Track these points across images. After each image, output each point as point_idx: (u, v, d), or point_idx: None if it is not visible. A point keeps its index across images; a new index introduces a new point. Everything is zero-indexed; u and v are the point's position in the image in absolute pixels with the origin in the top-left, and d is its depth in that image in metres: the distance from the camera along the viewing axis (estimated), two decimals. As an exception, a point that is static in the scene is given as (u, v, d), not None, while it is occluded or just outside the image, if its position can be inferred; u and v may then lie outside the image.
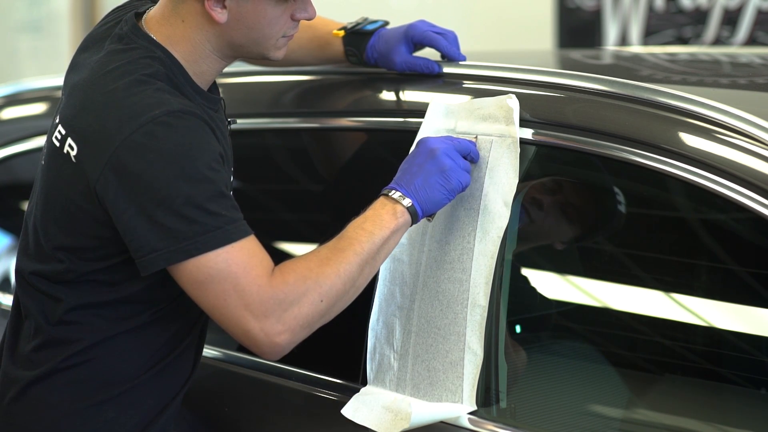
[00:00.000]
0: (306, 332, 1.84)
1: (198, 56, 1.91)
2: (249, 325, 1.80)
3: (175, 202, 1.77)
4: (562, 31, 5.13)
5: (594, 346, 2.23)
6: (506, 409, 1.99)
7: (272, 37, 1.92)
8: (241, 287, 1.79)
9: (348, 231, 1.88)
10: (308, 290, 1.82)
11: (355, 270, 1.85)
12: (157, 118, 1.79)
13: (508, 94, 2.03)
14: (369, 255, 1.87)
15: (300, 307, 1.81)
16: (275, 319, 1.80)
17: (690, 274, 2.18)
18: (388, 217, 1.89)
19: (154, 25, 1.91)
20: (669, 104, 1.95)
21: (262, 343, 1.81)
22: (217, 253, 1.78)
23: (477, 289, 1.95)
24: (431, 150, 1.93)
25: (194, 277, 1.79)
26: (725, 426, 2.04)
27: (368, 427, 1.99)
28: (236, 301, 1.80)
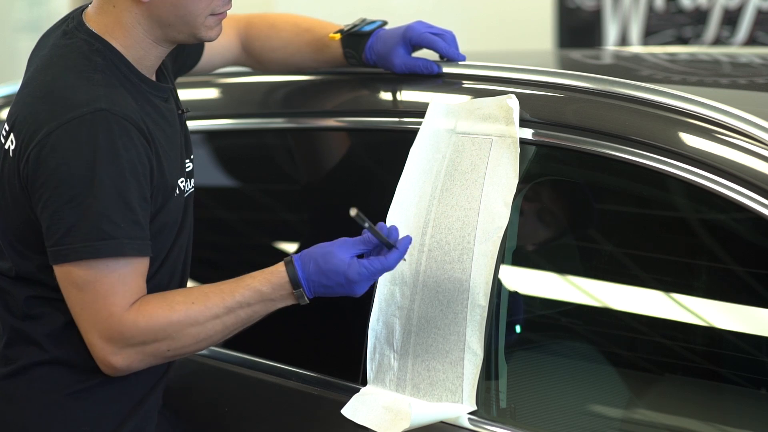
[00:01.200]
0: (145, 366, 1.90)
1: (133, 41, 1.92)
2: (93, 340, 1.86)
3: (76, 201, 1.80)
4: (562, 31, 5.13)
5: (594, 346, 2.23)
6: (506, 409, 1.99)
7: (199, 14, 1.91)
8: (96, 309, 1.84)
9: (233, 295, 1.89)
10: (157, 339, 1.86)
11: (217, 337, 1.90)
12: (82, 116, 1.81)
13: (508, 94, 2.03)
14: (236, 327, 1.91)
15: (144, 346, 1.86)
16: (117, 347, 1.85)
17: (690, 274, 2.18)
18: (276, 299, 1.91)
19: (92, 18, 1.93)
20: (669, 104, 1.95)
21: (101, 360, 1.87)
22: (90, 264, 1.82)
23: (477, 289, 1.95)
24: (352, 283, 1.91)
25: (70, 278, 1.84)
26: (725, 426, 2.04)
27: (368, 427, 1.99)
28: (89, 316, 1.84)
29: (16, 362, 1.92)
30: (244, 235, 2.69)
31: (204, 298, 1.88)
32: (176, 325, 1.86)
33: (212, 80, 2.58)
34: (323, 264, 1.90)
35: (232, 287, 1.90)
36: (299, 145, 2.49)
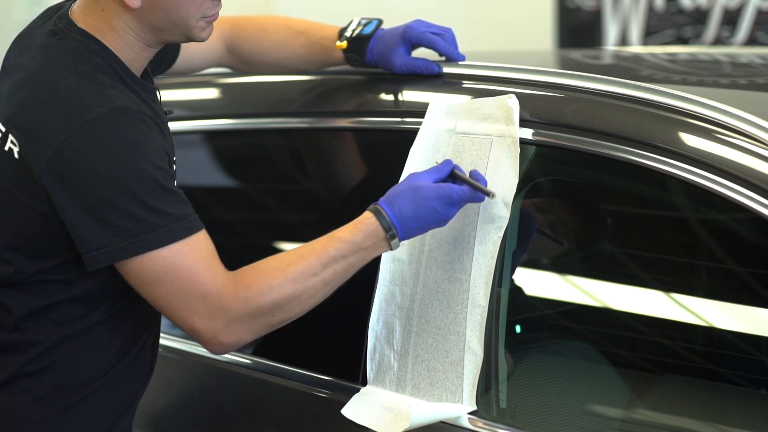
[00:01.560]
0: (254, 337, 1.86)
1: (124, 44, 1.89)
2: (195, 324, 1.82)
3: (121, 200, 1.77)
4: (562, 31, 5.13)
5: (594, 346, 2.23)
6: (506, 409, 1.99)
7: (190, 18, 1.90)
8: (188, 292, 1.80)
9: (327, 250, 1.87)
10: (261, 308, 1.83)
11: (319, 295, 1.87)
12: (101, 116, 1.79)
13: (508, 94, 2.03)
14: (336, 282, 1.88)
15: (250, 318, 1.83)
16: (221, 323, 1.82)
17: (690, 274, 2.18)
18: (370, 248, 1.89)
19: (79, 18, 1.90)
20: (669, 104, 1.95)
21: (209, 341, 1.84)
22: (163, 254, 1.79)
23: (477, 289, 1.95)
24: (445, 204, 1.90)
25: (141, 277, 1.80)
26: (725, 426, 2.04)
27: (368, 427, 1.99)
28: (182, 303, 1.81)
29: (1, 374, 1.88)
30: (243, 235, 2.69)
31: (299, 258, 1.86)
32: (276, 289, 1.83)
33: (212, 80, 2.58)
34: (413, 195, 1.89)
35: (323, 243, 1.88)
36: (299, 146, 2.49)
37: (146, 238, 1.78)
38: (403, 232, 1.89)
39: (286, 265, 1.85)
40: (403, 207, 1.89)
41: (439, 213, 1.90)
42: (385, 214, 1.89)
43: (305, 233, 2.58)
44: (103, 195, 1.77)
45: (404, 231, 1.89)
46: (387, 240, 1.89)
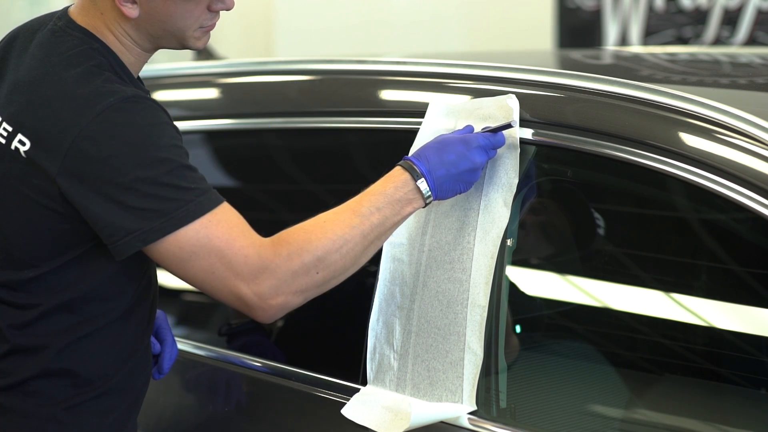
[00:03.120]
0: (302, 300, 1.84)
1: (122, 47, 1.90)
2: (241, 290, 1.80)
3: (144, 183, 1.77)
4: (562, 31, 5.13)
5: (594, 346, 2.23)
6: (506, 409, 1.99)
7: (188, 28, 1.90)
8: (228, 259, 1.79)
9: (361, 204, 1.87)
10: (304, 263, 1.81)
11: (359, 248, 1.85)
12: (113, 105, 1.79)
13: (508, 94, 2.03)
14: (375, 235, 1.87)
15: (294, 277, 1.81)
16: (267, 285, 1.80)
17: (690, 274, 2.18)
18: (403, 200, 1.89)
19: (78, 17, 1.90)
20: (669, 104, 1.95)
21: (257, 306, 1.81)
22: (195, 228, 1.78)
23: (477, 289, 1.95)
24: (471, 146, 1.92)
25: (177, 255, 1.79)
26: (725, 426, 2.04)
27: (368, 427, 1.99)
28: (224, 272, 1.80)
29: (11, 375, 1.88)
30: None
31: (333, 215, 1.86)
32: (316, 242, 1.82)
33: (212, 80, 2.58)
34: (438, 145, 1.91)
35: (356, 199, 1.88)
36: (299, 146, 2.49)
37: (176, 215, 1.78)
38: (433, 181, 1.90)
39: (323, 222, 1.85)
40: (430, 156, 1.91)
41: (467, 158, 1.92)
42: (413, 164, 1.90)
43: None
44: (126, 181, 1.77)
45: (433, 179, 1.90)
46: (419, 191, 1.89)
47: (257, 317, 1.83)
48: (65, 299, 1.87)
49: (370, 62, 2.42)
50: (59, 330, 1.88)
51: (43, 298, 1.87)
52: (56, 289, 1.87)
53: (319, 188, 2.51)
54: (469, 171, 1.93)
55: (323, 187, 2.50)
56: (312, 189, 2.53)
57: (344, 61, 2.43)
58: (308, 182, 2.52)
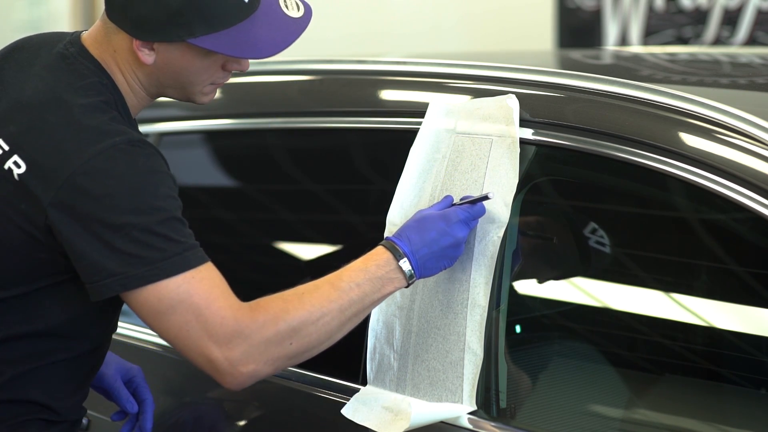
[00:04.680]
0: (272, 370, 1.80)
1: (128, 89, 1.87)
2: (212, 353, 1.77)
3: (135, 228, 1.74)
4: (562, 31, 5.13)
5: (594, 346, 2.23)
6: (506, 409, 1.99)
7: (199, 84, 1.87)
8: (204, 318, 1.76)
9: (341, 279, 1.84)
10: (278, 332, 1.78)
11: (335, 323, 1.82)
12: (117, 145, 1.76)
13: (508, 94, 2.03)
14: (352, 311, 1.84)
15: (267, 346, 1.78)
16: (239, 350, 1.77)
17: (690, 274, 2.18)
18: (384, 278, 1.86)
19: (91, 47, 1.87)
20: (669, 104, 1.95)
21: (226, 372, 1.78)
22: (177, 281, 1.75)
23: (477, 289, 1.95)
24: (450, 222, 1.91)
25: (155, 307, 1.76)
26: (725, 426, 2.04)
27: (368, 427, 1.99)
28: (198, 332, 1.76)
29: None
30: (243, 234, 2.69)
31: (313, 287, 1.83)
32: (293, 312, 1.79)
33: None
34: (418, 224, 1.90)
35: (336, 274, 1.85)
36: (299, 145, 2.49)
37: (161, 266, 1.75)
38: (416, 260, 1.88)
39: (302, 293, 1.82)
40: (411, 236, 1.89)
41: (448, 234, 1.89)
42: (396, 245, 1.88)
43: (305, 233, 2.59)
44: (118, 223, 1.74)
45: (416, 259, 1.88)
46: (401, 270, 1.87)
47: (225, 383, 1.80)
48: (27, 330, 1.83)
49: (370, 62, 2.42)
50: (14, 359, 1.84)
51: (3, 324, 1.83)
52: (19, 317, 1.83)
53: (319, 188, 2.51)
54: (452, 247, 1.91)
55: (323, 188, 2.50)
56: (312, 189, 2.53)
57: (344, 61, 2.43)
58: (308, 182, 2.52)
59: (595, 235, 2.21)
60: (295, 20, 1.87)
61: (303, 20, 1.88)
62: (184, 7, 1.78)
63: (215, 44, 1.81)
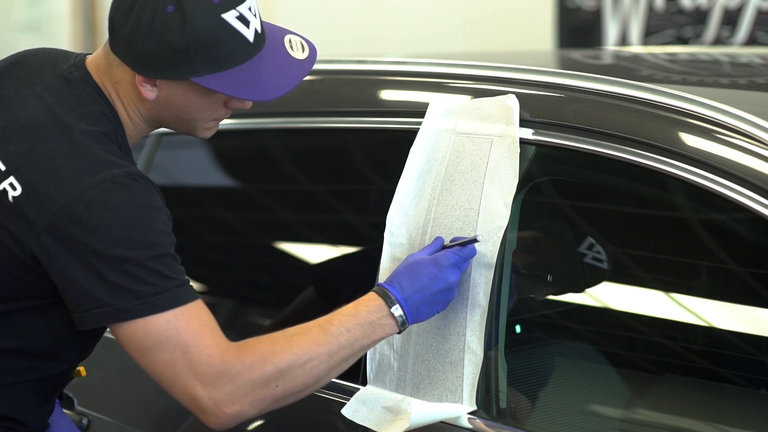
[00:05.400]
0: (256, 411, 1.79)
1: (128, 120, 1.86)
2: (197, 392, 1.76)
3: (128, 262, 1.73)
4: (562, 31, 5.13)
5: (594, 346, 2.23)
6: (506, 409, 1.99)
7: (201, 120, 1.86)
8: (191, 356, 1.75)
9: (331, 323, 1.83)
10: (265, 374, 1.77)
11: (323, 367, 1.81)
12: (115, 178, 1.75)
13: (508, 94, 2.03)
14: (341, 356, 1.83)
15: (253, 387, 1.77)
16: (224, 391, 1.76)
17: (690, 274, 2.18)
18: (375, 324, 1.85)
19: (93, 73, 1.86)
20: (669, 104, 1.95)
21: (210, 411, 1.76)
22: (166, 317, 1.74)
23: (477, 289, 1.95)
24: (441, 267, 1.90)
25: (142, 341, 1.75)
26: (725, 426, 2.04)
27: (368, 427, 1.99)
28: (185, 369, 1.75)
29: None
30: (243, 235, 2.69)
31: (302, 329, 1.82)
32: (280, 355, 1.78)
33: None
34: (409, 270, 1.89)
35: (327, 318, 1.84)
36: (299, 145, 2.49)
37: (151, 301, 1.74)
38: (408, 307, 1.88)
39: (290, 336, 1.81)
40: (403, 282, 1.88)
41: (439, 278, 1.89)
42: (388, 291, 1.88)
43: (305, 233, 2.59)
44: (111, 255, 1.73)
45: (408, 305, 1.88)
46: (393, 317, 1.87)
47: (209, 423, 1.79)
48: (4, 347, 1.82)
49: (370, 62, 2.42)
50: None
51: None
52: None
53: (319, 188, 2.51)
54: (443, 291, 1.90)
55: (323, 188, 2.50)
56: (312, 189, 2.53)
57: (344, 61, 2.43)
58: (308, 182, 2.52)
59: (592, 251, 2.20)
60: (299, 62, 1.86)
61: (307, 62, 1.87)
62: (189, 46, 1.76)
63: (218, 84, 1.79)
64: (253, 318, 2.68)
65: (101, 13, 6.96)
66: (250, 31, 1.80)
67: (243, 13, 1.80)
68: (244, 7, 1.80)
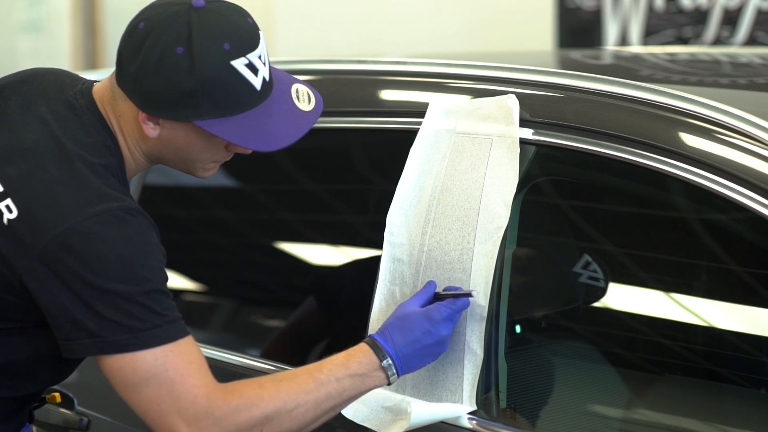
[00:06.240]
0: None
1: (129, 154, 1.86)
2: (179, 430, 1.75)
3: (119, 297, 1.72)
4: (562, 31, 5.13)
5: (594, 346, 2.23)
6: (506, 409, 1.99)
7: (201, 161, 1.86)
8: (177, 394, 1.74)
9: (321, 371, 1.82)
10: (251, 418, 1.76)
11: (309, 415, 1.80)
12: (113, 211, 1.74)
13: (508, 94, 2.03)
14: (329, 405, 1.82)
15: (237, 431, 1.76)
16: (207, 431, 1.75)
17: (690, 274, 2.18)
18: (365, 375, 1.85)
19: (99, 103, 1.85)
20: (669, 104, 1.95)
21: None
22: (155, 353, 1.73)
23: (477, 289, 1.95)
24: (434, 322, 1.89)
25: (128, 377, 1.74)
26: (725, 426, 2.04)
27: (368, 427, 1.99)
28: (169, 408, 1.74)
29: None
30: (242, 235, 2.69)
31: (291, 375, 1.82)
32: (267, 400, 1.77)
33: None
34: (402, 323, 1.89)
35: (317, 365, 1.84)
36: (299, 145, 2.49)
37: (141, 336, 1.73)
38: (399, 359, 1.87)
39: (279, 381, 1.81)
40: (394, 335, 1.88)
41: (431, 333, 1.89)
42: (379, 344, 1.87)
43: (305, 233, 2.58)
44: (103, 288, 1.72)
45: (399, 357, 1.87)
46: (383, 369, 1.86)
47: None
48: None
49: (370, 62, 2.42)
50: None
51: None
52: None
53: (319, 188, 2.51)
54: (435, 344, 1.90)
55: (323, 187, 2.50)
56: (312, 189, 2.53)
57: (344, 61, 2.43)
58: (308, 182, 2.52)
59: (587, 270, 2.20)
60: (304, 113, 1.86)
61: (313, 114, 1.87)
62: (196, 89, 1.76)
63: (221, 130, 1.79)
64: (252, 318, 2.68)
65: (101, 13, 6.96)
66: (258, 79, 1.80)
67: (252, 61, 1.79)
68: (254, 56, 1.79)
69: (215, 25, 1.77)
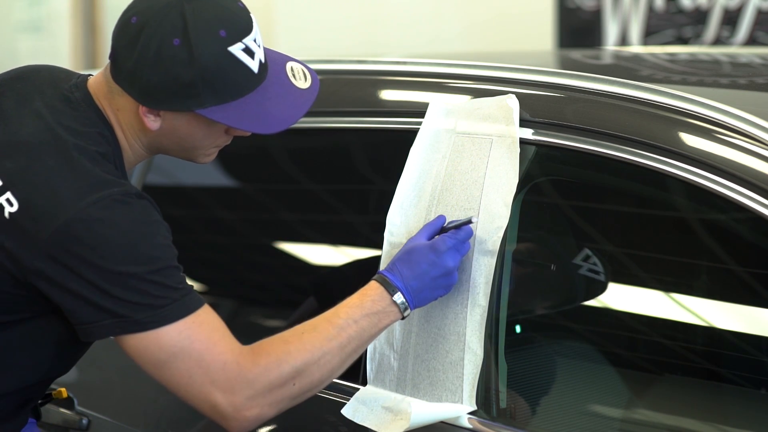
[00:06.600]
0: (276, 412, 1.81)
1: (127, 146, 1.86)
2: (216, 399, 1.77)
3: (133, 278, 1.73)
4: (562, 31, 5.13)
5: (594, 346, 2.23)
6: (506, 409, 1.99)
7: (203, 147, 1.87)
8: (206, 364, 1.76)
9: (338, 316, 1.85)
10: (282, 375, 1.78)
11: (336, 360, 1.83)
12: (114, 195, 1.74)
13: (508, 94, 2.03)
14: (352, 347, 1.84)
15: (271, 389, 1.78)
16: (243, 395, 1.77)
17: (690, 274, 2.18)
18: (380, 312, 1.87)
19: (95, 94, 1.85)
20: (669, 104, 1.95)
21: (230, 417, 1.78)
22: (178, 327, 1.75)
23: (477, 289, 1.95)
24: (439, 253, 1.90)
25: (155, 355, 1.75)
26: (725, 426, 2.04)
27: (368, 427, 1.99)
28: (201, 378, 1.76)
29: None
30: (242, 235, 2.69)
31: (311, 327, 1.84)
32: (295, 354, 1.79)
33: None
34: (408, 256, 1.90)
35: (333, 311, 1.86)
36: (299, 145, 2.49)
37: (161, 313, 1.74)
38: (409, 293, 1.89)
39: (301, 333, 1.83)
40: (402, 269, 1.89)
41: (438, 265, 1.90)
42: (389, 280, 1.89)
43: (305, 233, 2.58)
44: (114, 271, 1.73)
45: (409, 291, 1.89)
46: (395, 303, 1.88)
47: (230, 428, 1.80)
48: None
49: (370, 62, 2.42)
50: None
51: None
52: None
53: (319, 188, 2.51)
54: (443, 277, 1.91)
55: (323, 188, 2.50)
56: (312, 189, 2.53)
57: (344, 61, 2.43)
58: (308, 182, 2.52)
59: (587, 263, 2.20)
60: (302, 91, 1.86)
61: (310, 92, 1.87)
62: (196, 79, 1.76)
63: (223, 116, 1.80)
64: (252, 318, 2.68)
65: (101, 13, 6.96)
66: (254, 62, 1.81)
67: (249, 45, 1.80)
68: (249, 39, 1.80)
69: (209, 14, 1.77)
